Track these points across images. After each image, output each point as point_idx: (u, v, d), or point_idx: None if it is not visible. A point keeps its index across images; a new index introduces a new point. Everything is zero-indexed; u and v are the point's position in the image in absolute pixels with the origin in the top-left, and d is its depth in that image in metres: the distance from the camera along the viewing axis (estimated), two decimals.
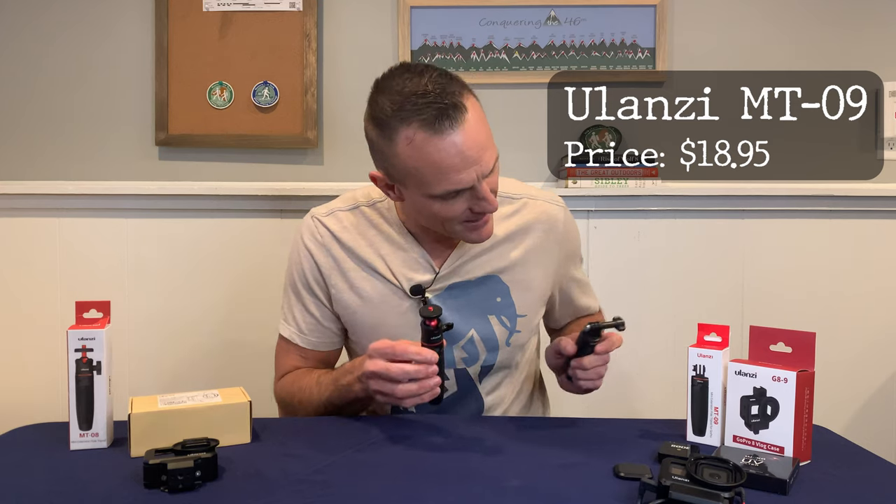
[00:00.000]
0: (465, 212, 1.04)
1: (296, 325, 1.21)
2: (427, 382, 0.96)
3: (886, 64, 1.89)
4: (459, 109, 0.98)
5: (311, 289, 1.18)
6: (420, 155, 0.99)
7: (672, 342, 1.86)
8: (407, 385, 0.96)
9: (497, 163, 1.05)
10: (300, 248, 1.19)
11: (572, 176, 1.79)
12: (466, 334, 1.15)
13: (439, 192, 1.01)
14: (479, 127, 1.00)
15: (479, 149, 1.00)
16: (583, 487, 0.83)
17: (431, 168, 0.99)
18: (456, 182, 0.99)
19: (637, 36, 1.87)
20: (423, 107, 0.97)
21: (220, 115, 1.85)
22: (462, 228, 1.07)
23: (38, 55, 1.86)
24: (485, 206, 1.02)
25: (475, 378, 1.19)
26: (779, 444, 0.92)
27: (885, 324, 1.90)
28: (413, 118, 0.98)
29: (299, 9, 1.85)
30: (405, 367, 0.96)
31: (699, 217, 1.87)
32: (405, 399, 0.97)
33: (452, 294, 1.15)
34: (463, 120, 0.98)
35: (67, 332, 0.93)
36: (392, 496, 0.80)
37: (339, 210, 1.20)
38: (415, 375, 0.96)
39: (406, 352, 0.96)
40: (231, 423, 0.96)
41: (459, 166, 0.99)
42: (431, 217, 1.07)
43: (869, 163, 1.90)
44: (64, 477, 0.86)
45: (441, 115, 0.97)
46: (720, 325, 1.00)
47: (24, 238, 1.85)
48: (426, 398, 0.97)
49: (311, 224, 1.20)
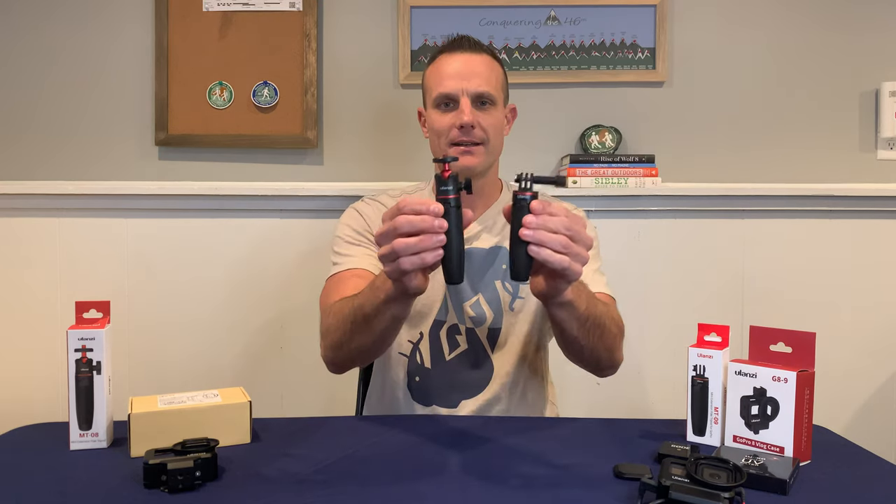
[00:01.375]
0: (453, 129, 1.23)
1: (345, 256, 1.26)
2: (428, 238, 0.85)
3: (886, 64, 1.89)
4: (472, 47, 1.27)
5: (359, 232, 1.30)
6: (434, 68, 1.28)
7: (672, 342, 1.86)
8: (407, 238, 0.86)
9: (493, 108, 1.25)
10: (350, 211, 1.34)
11: (572, 176, 1.79)
12: (474, 296, 1.26)
13: (435, 97, 1.25)
14: (482, 65, 1.25)
15: (472, 73, 1.24)
16: (583, 487, 0.83)
17: (435, 75, 1.27)
18: (444, 86, 1.24)
19: (637, 36, 1.88)
20: (452, 39, 1.30)
21: (220, 115, 1.85)
22: (453, 152, 1.23)
23: (37, 56, 1.86)
24: (462, 117, 1.22)
25: (484, 341, 1.26)
26: (779, 444, 0.92)
27: (884, 324, 1.90)
28: (443, 45, 1.31)
29: (299, 9, 1.85)
30: (409, 217, 0.87)
31: (699, 217, 1.88)
32: (404, 256, 0.86)
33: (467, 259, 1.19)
34: (471, 52, 1.26)
35: (67, 332, 0.93)
36: (392, 496, 0.80)
37: (386, 193, 1.38)
38: (418, 226, 0.85)
39: (409, 203, 0.87)
40: (231, 423, 0.96)
41: (452, 75, 1.24)
42: (435, 135, 1.27)
43: (868, 163, 1.90)
44: (64, 477, 0.86)
45: (456, 42, 1.28)
46: (720, 325, 1.00)
47: (24, 238, 1.85)
48: (428, 258, 0.86)
49: (361, 200, 1.37)
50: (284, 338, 1.88)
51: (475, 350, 1.26)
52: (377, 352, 1.14)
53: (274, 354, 1.88)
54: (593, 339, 1.09)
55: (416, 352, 1.27)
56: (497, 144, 1.28)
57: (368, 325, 1.03)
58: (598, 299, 1.14)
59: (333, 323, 1.11)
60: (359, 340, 1.07)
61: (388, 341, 1.10)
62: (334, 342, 1.12)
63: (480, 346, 1.26)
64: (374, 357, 1.19)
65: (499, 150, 1.30)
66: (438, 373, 1.26)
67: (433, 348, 1.26)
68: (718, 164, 1.89)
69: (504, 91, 1.30)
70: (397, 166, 1.88)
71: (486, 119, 1.24)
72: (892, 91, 1.85)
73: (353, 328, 1.06)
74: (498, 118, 1.27)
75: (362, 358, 1.16)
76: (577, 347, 1.12)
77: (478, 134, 1.23)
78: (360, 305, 1.04)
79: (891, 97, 1.85)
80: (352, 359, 1.14)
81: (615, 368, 1.20)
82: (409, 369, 1.28)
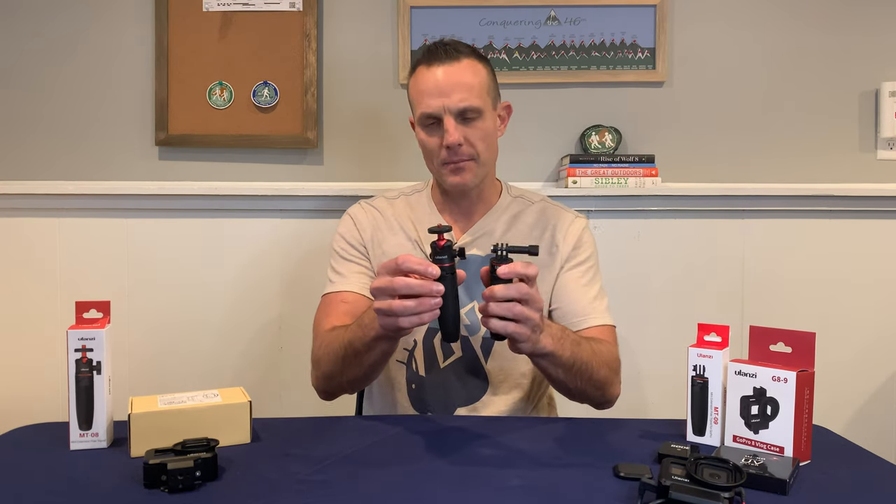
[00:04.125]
0: (441, 149, 1.20)
1: (339, 276, 1.27)
2: (426, 301, 0.90)
3: (886, 64, 1.89)
4: (451, 55, 1.20)
5: (353, 245, 1.30)
6: (414, 82, 1.23)
7: (672, 342, 1.86)
8: (405, 301, 0.90)
9: (479, 120, 1.20)
10: (345, 218, 1.34)
11: (572, 176, 1.79)
12: (469, 304, 1.24)
13: (419, 116, 1.22)
14: (463, 74, 1.19)
15: (452, 87, 1.18)
16: (583, 487, 0.83)
17: (417, 92, 1.22)
18: (426, 105, 1.19)
19: (637, 36, 1.88)
20: (430, 47, 1.23)
21: (220, 115, 1.85)
22: (445, 171, 1.23)
23: (37, 56, 1.86)
24: (447, 138, 1.18)
25: (478, 349, 1.24)
26: (779, 444, 0.92)
27: (884, 323, 1.90)
28: (421, 54, 1.24)
29: (299, 9, 1.85)
30: (408, 281, 0.90)
31: (699, 217, 1.88)
32: (403, 317, 0.90)
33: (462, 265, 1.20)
34: (450, 62, 1.19)
35: (67, 332, 0.93)
36: (392, 496, 0.80)
37: (384, 196, 1.37)
38: (416, 290, 0.90)
39: (408, 261, 0.91)
40: (231, 423, 0.96)
41: (432, 93, 1.19)
42: (426, 154, 1.25)
43: (868, 163, 1.90)
44: (64, 477, 0.86)
45: (434, 52, 1.21)
46: (720, 325, 1.00)
47: (24, 238, 1.85)
48: (426, 318, 0.91)
49: (357, 204, 1.37)
50: (284, 338, 1.88)
51: (469, 358, 1.25)
52: (368, 381, 1.19)
53: (274, 354, 1.88)
54: (581, 381, 1.11)
55: (411, 359, 1.26)
56: (489, 155, 1.25)
57: (358, 360, 1.09)
58: (590, 339, 1.14)
59: (324, 356, 1.15)
60: (350, 373, 1.13)
61: (378, 371, 1.15)
62: (325, 373, 1.17)
63: (474, 355, 1.25)
64: (364, 385, 1.24)
65: (493, 158, 1.28)
66: (433, 380, 1.25)
67: (427, 356, 1.25)
68: (718, 164, 1.89)
69: (492, 94, 1.25)
70: (397, 166, 1.88)
71: (473, 134, 1.20)
72: (892, 91, 1.85)
73: (344, 363, 1.11)
74: (486, 128, 1.22)
75: (353, 387, 1.20)
76: (565, 389, 1.15)
77: (466, 151, 1.20)
78: (349, 342, 1.08)
79: (891, 97, 1.85)
80: (343, 388, 1.19)
81: (611, 403, 1.20)
82: (407, 377, 1.27)
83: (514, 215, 1.30)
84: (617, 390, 1.19)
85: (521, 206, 1.32)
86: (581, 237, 1.29)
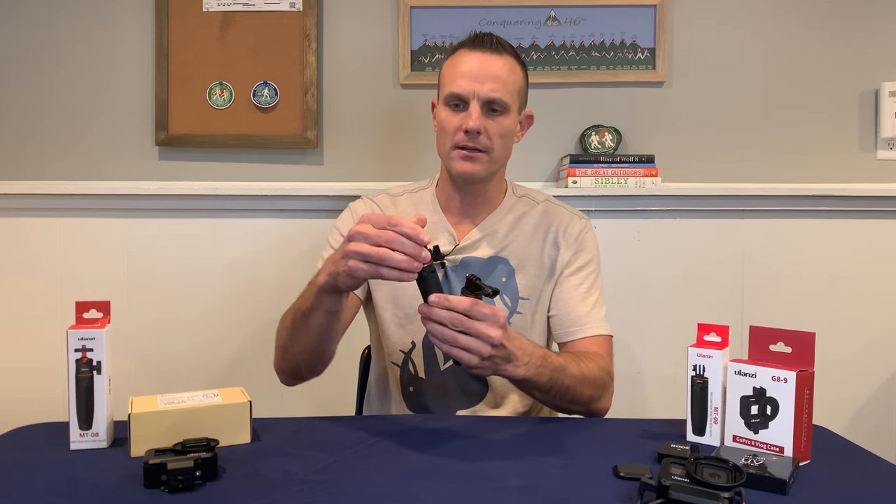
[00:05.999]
0: (459, 132, 1.20)
1: None
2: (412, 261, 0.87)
3: (886, 64, 1.89)
4: (496, 48, 1.22)
5: None
6: (452, 62, 1.24)
7: (672, 342, 1.86)
8: (397, 254, 0.87)
9: (503, 116, 1.21)
10: (345, 212, 1.34)
11: (572, 176, 1.79)
12: None
13: (446, 95, 1.21)
14: (500, 68, 1.20)
15: (487, 75, 1.19)
16: (583, 487, 0.83)
17: (452, 72, 1.22)
18: (457, 86, 1.20)
19: (637, 36, 1.88)
20: (477, 34, 1.25)
21: (220, 115, 1.86)
22: (455, 156, 1.22)
23: (37, 57, 1.86)
24: (469, 122, 1.18)
25: None
26: (779, 443, 0.92)
27: (884, 323, 1.90)
28: (466, 38, 1.26)
29: (299, 9, 1.85)
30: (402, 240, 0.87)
31: (699, 217, 1.88)
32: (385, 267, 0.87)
33: (465, 267, 1.24)
34: (491, 52, 1.21)
35: (67, 332, 0.93)
36: (392, 496, 0.80)
37: (387, 193, 1.37)
38: (408, 249, 0.87)
39: (401, 224, 0.87)
40: (231, 423, 0.96)
41: (466, 75, 1.20)
42: (441, 135, 1.24)
43: (868, 163, 1.90)
44: (64, 477, 0.86)
45: (481, 40, 1.22)
46: (720, 325, 1.00)
47: (24, 238, 1.85)
48: (405, 277, 0.88)
49: (360, 199, 1.37)
50: None
51: None
52: (319, 355, 1.12)
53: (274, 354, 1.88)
54: (560, 401, 1.10)
55: (408, 361, 1.26)
56: (502, 153, 1.24)
57: (305, 323, 1.06)
58: (580, 358, 1.12)
59: (281, 329, 1.15)
60: (300, 342, 1.09)
61: (328, 342, 1.10)
62: (279, 345, 1.16)
63: None
64: (317, 364, 1.14)
65: (505, 158, 1.27)
66: (433, 382, 1.25)
67: (427, 357, 1.25)
68: (718, 164, 1.90)
69: (521, 97, 1.26)
70: (397, 166, 1.88)
71: (494, 127, 1.20)
72: (892, 91, 1.85)
73: (293, 329, 1.10)
74: (507, 126, 1.22)
75: (307, 364, 1.13)
76: (549, 406, 1.13)
77: (483, 141, 1.20)
78: (298, 306, 1.08)
79: (891, 97, 1.85)
80: (297, 363, 1.13)
81: (602, 414, 1.17)
82: (403, 379, 1.26)
83: (518, 216, 1.30)
84: (605, 405, 1.16)
85: (526, 207, 1.32)
86: (582, 239, 1.29)
